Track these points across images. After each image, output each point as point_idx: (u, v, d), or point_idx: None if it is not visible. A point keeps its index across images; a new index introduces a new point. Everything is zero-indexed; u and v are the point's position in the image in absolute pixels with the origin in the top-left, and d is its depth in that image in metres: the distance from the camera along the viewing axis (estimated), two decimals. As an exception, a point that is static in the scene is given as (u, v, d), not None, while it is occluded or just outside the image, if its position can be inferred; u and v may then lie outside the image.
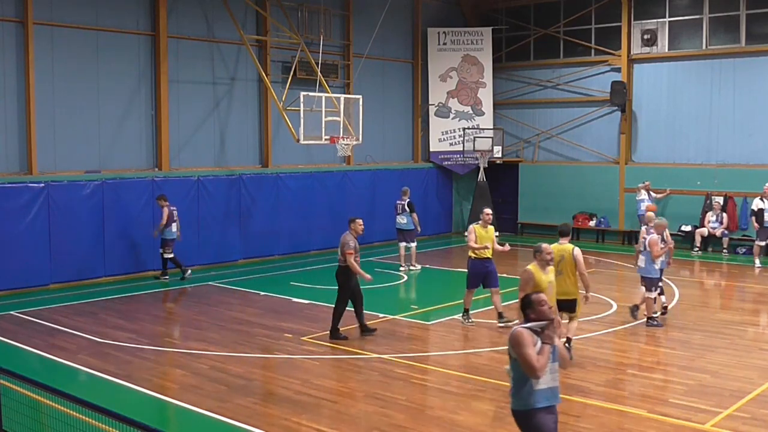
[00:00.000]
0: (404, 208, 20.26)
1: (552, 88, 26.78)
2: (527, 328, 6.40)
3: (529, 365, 6.25)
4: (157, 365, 11.73)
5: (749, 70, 22.78)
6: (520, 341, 6.31)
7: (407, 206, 20.23)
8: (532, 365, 6.24)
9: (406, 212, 20.21)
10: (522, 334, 6.33)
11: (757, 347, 12.73)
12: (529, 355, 6.25)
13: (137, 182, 18.91)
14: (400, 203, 20.38)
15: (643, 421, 9.31)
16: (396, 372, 11.31)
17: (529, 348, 6.27)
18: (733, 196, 22.70)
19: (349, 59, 24.17)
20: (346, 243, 13.08)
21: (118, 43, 19.03)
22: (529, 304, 6.53)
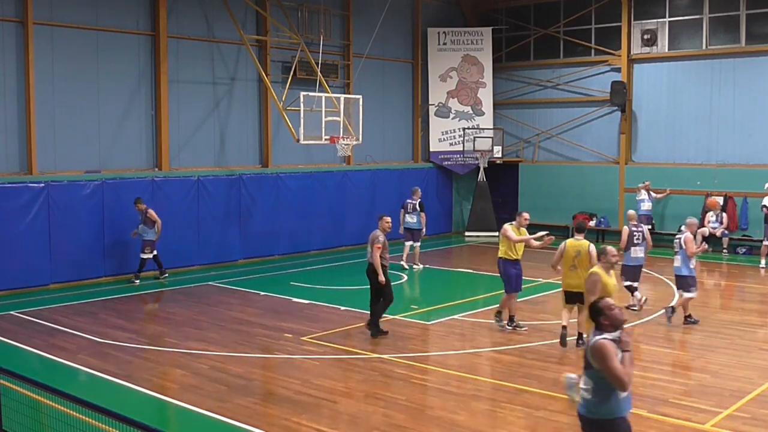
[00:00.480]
0: (415, 207, 20.44)
1: (552, 88, 26.77)
2: (607, 338, 6.32)
3: (618, 379, 6.18)
4: (157, 365, 11.73)
5: (749, 70, 22.78)
6: (606, 354, 6.21)
7: (418, 206, 20.41)
8: (620, 378, 6.17)
9: (416, 212, 20.36)
10: (606, 346, 6.23)
11: (757, 347, 12.73)
12: (617, 369, 6.18)
13: (137, 182, 18.91)
14: (411, 202, 20.56)
15: (643, 421, 9.30)
16: (396, 372, 11.31)
17: (615, 360, 6.19)
18: (733, 196, 22.69)
19: (349, 59, 24.17)
20: (376, 238, 13.29)
21: (118, 43, 19.03)
22: (600, 311, 6.48)
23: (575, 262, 12.41)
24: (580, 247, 12.50)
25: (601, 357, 6.22)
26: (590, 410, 6.45)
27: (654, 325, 14.18)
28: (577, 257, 12.42)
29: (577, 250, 12.47)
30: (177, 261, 19.59)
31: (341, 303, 15.87)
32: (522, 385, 10.61)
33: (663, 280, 18.47)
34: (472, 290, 17.87)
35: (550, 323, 14.16)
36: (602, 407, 6.37)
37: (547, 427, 9.12)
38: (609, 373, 6.20)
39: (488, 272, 19.85)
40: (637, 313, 14.66)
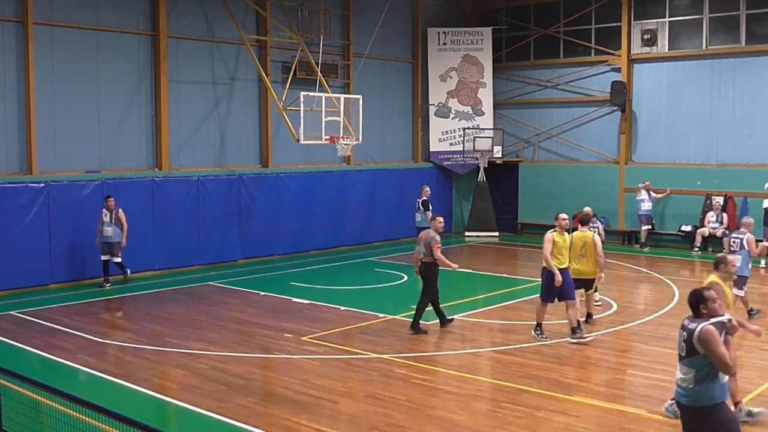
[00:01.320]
0: (419, 206, 20.78)
1: (552, 88, 26.77)
2: (713, 324, 6.57)
3: (724, 363, 6.41)
4: (157, 365, 11.73)
5: (749, 70, 22.77)
6: (715, 339, 6.45)
7: (422, 204, 20.70)
8: (726, 362, 6.41)
9: (421, 210, 20.61)
10: (713, 332, 6.48)
11: (757, 347, 12.71)
12: (723, 353, 6.42)
13: (137, 182, 18.91)
14: (419, 201, 20.88)
15: (643, 421, 9.31)
16: (396, 372, 11.31)
17: (721, 345, 6.45)
18: (733, 196, 22.68)
19: (349, 59, 24.17)
20: (433, 237, 13.65)
21: (118, 43, 19.03)
22: (702, 299, 6.72)
23: (583, 251, 13.55)
24: (585, 238, 13.59)
25: (708, 342, 6.45)
26: (693, 398, 6.63)
27: (651, 325, 14.18)
28: (584, 247, 13.54)
29: (584, 240, 13.57)
30: (177, 261, 19.61)
31: (341, 303, 15.87)
32: (522, 385, 10.61)
33: (663, 281, 18.47)
34: (472, 290, 17.86)
35: (550, 323, 14.15)
36: (704, 394, 6.57)
37: (548, 427, 9.11)
38: (715, 358, 6.43)
39: (488, 272, 19.89)
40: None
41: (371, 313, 14.92)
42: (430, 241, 13.62)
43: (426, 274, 13.75)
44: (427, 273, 13.74)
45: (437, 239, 13.68)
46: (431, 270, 13.73)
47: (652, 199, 23.43)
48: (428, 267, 13.72)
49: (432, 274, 13.74)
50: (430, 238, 13.66)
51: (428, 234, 13.77)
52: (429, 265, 13.71)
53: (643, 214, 23.42)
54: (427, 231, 13.90)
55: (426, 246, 13.67)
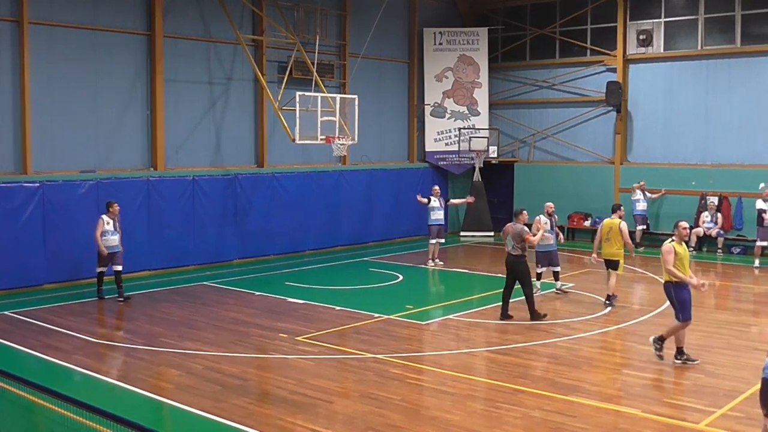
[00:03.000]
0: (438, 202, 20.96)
1: (548, 89, 26.80)
2: None
3: None
4: (152, 365, 11.72)
5: (744, 70, 22.83)
6: None
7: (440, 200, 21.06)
8: None
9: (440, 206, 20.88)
10: None
11: (752, 347, 12.74)
12: None
13: (133, 182, 18.88)
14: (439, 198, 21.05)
15: (638, 420, 9.33)
16: (391, 372, 11.31)
17: None
18: (728, 196, 22.73)
19: (345, 59, 24.17)
20: (523, 229, 14.50)
21: (114, 43, 19.00)
22: None
23: (609, 236, 15.35)
24: (612, 224, 15.35)
25: None
26: None
27: (646, 325, 14.20)
28: (610, 232, 15.33)
29: (610, 227, 15.35)
30: (172, 261, 19.59)
31: (336, 303, 15.86)
32: (518, 385, 10.62)
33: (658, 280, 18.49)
34: (467, 290, 17.86)
35: (545, 323, 14.18)
36: None
37: (543, 426, 9.12)
38: None
39: (483, 272, 19.90)
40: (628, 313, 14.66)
41: (366, 313, 14.92)
42: (522, 232, 14.42)
43: (514, 267, 14.49)
44: (515, 266, 14.48)
45: (526, 229, 14.66)
46: (520, 262, 14.45)
47: (647, 199, 23.47)
48: (517, 260, 14.46)
49: (521, 266, 14.46)
50: (521, 230, 14.46)
51: (515, 227, 14.54)
52: (518, 258, 14.45)
53: (638, 214, 23.46)
54: (514, 224, 14.65)
55: (515, 237, 14.40)
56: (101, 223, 16.24)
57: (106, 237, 16.24)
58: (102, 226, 16.23)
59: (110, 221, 16.35)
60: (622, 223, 15.32)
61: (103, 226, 16.23)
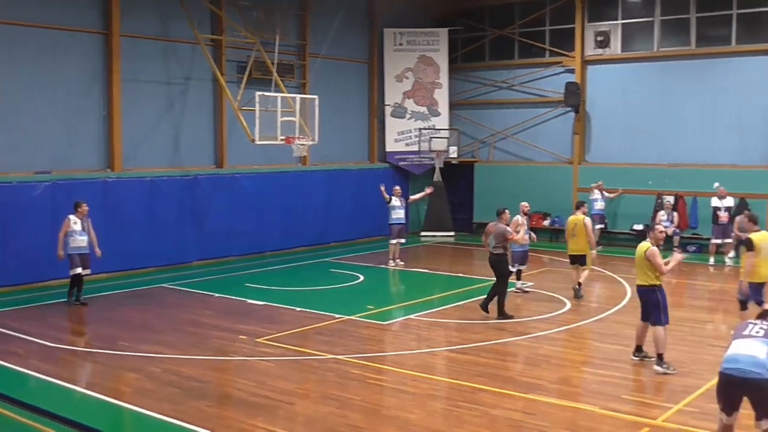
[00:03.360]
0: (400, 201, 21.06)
1: (507, 89, 26.98)
2: None
3: None
4: (110, 369, 11.58)
5: (700, 71, 23.20)
6: None
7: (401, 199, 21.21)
8: None
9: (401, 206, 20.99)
10: None
11: (707, 343, 12.96)
12: None
13: (89, 183, 18.62)
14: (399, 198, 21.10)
15: (596, 417, 9.43)
16: (352, 372, 11.31)
17: None
18: (684, 195, 23.08)
19: (305, 59, 24.10)
20: (506, 229, 14.71)
21: (70, 42, 18.74)
22: None
23: (575, 232, 16.10)
24: (577, 220, 16.11)
25: None
26: None
27: (605, 323, 14.37)
28: (575, 228, 16.06)
29: (575, 223, 16.11)
30: (131, 263, 19.36)
31: (297, 304, 15.80)
32: (478, 384, 10.68)
33: (615, 279, 18.73)
34: (428, 290, 17.91)
35: (505, 322, 14.26)
36: None
37: (503, 424, 9.18)
38: None
39: (444, 272, 19.98)
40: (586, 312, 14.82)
41: (327, 314, 14.90)
42: (505, 233, 14.60)
43: (496, 265, 14.65)
44: (497, 264, 14.65)
45: (509, 229, 14.84)
46: (502, 261, 14.70)
47: (605, 199, 23.73)
48: (499, 258, 14.65)
49: (503, 265, 14.70)
50: (503, 230, 14.63)
51: (498, 226, 14.69)
52: (500, 257, 14.66)
53: (596, 213, 23.69)
54: (496, 224, 14.76)
55: (497, 237, 14.57)
56: (67, 223, 15.70)
57: (73, 237, 15.70)
58: (68, 226, 15.68)
59: (78, 221, 15.78)
60: (586, 219, 16.13)
61: (69, 226, 15.68)
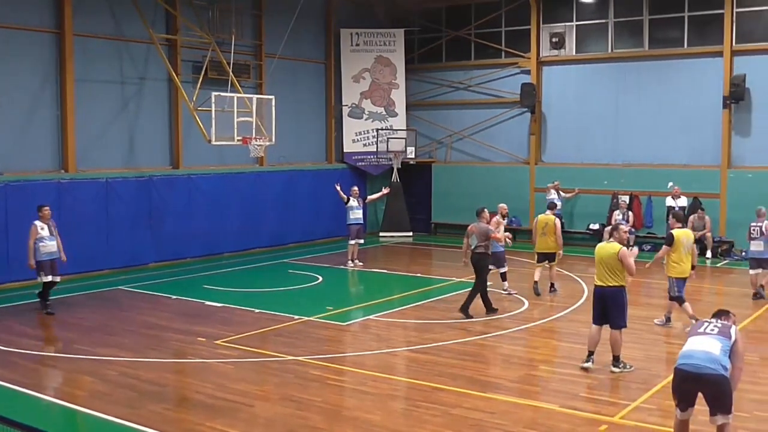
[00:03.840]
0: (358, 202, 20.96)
1: (464, 90, 27.11)
2: None
3: None
4: (64, 372, 11.40)
5: (653, 73, 23.54)
6: None
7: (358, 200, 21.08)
8: None
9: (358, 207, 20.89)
10: None
11: (662, 341, 13.15)
12: None
13: (42, 185, 18.31)
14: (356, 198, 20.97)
15: (555, 415, 9.50)
16: (311, 373, 11.26)
17: None
18: (639, 195, 23.40)
19: (262, 59, 23.96)
20: (488, 228, 14.88)
21: (22, 41, 18.40)
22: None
23: (545, 231, 16.62)
24: (548, 220, 16.69)
25: None
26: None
27: (563, 321, 14.51)
28: (545, 227, 16.62)
29: (546, 222, 16.67)
30: (85, 265, 19.04)
31: (256, 306, 15.70)
32: (437, 384, 10.70)
33: (572, 277, 18.91)
34: (387, 290, 17.92)
35: (463, 321, 14.32)
36: None
37: (463, 423, 9.21)
38: None
39: (403, 272, 20.00)
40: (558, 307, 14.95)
41: (286, 315, 14.82)
42: (487, 231, 14.73)
43: (478, 264, 14.73)
44: (479, 263, 14.73)
45: (492, 228, 15.06)
46: (483, 260, 14.78)
47: (561, 198, 23.94)
48: (481, 257, 14.75)
49: (484, 264, 14.79)
50: (485, 230, 14.76)
51: (479, 226, 14.79)
52: (482, 256, 14.75)
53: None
54: (478, 224, 14.83)
55: (480, 236, 14.68)
56: (35, 230, 14.91)
57: (43, 243, 14.97)
58: (36, 233, 14.89)
59: (44, 226, 15.06)
60: (556, 220, 16.72)
61: (37, 233, 14.91)
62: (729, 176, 22.29)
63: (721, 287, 18.94)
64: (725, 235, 22.18)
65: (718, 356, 7.50)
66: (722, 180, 22.36)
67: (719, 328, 7.82)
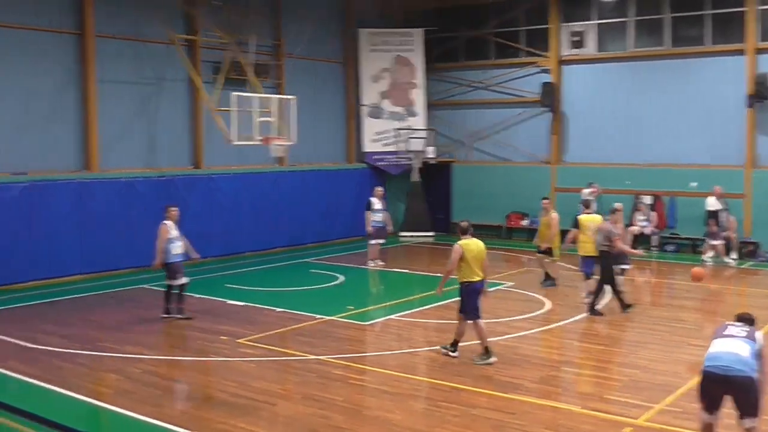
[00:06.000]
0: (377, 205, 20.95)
1: (484, 90, 27.06)
2: None
3: None
4: (90, 370, 11.48)
5: (674, 71, 23.39)
6: None
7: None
8: None
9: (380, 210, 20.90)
10: None
11: (686, 342, 13.05)
12: None
13: (65, 184, 18.47)
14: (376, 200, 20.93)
15: (576, 416, 9.47)
16: (333, 373, 11.29)
17: None
18: (661, 195, 23.25)
19: (281, 59, 24.03)
20: (611, 230, 14.88)
21: (44, 42, 18.57)
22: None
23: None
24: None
25: None
26: None
27: (586, 322, 14.45)
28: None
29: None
30: (109, 264, 19.22)
31: (277, 305, 15.76)
32: (458, 384, 10.70)
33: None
34: (408, 290, 17.91)
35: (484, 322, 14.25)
36: None
37: (484, 424, 9.20)
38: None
39: (423, 272, 19.99)
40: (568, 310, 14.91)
41: (308, 315, 14.86)
42: (611, 233, 14.80)
43: (604, 262, 14.89)
44: (605, 262, 14.89)
45: (615, 232, 14.97)
46: (606, 258, 14.88)
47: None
48: (604, 255, 14.88)
49: (608, 261, 14.88)
50: (610, 230, 14.87)
51: (605, 226, 15.02)
52: (605, 254, 14.86)
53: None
54: (605, 223, 15.13)
55: (605, 236, 14.80)
56: (165, 230, 14.44)
57: (174, 244, 14.56)
58: (167, 233, 14.46)
59: (174, 227, 14.65)
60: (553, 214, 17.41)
61: (168, 233, 14.48)
62: (753, 176, 22.11)
63: (745, 288, 18.81)
64: (750, 236, 22.01)
65: (747, 358, 7.44)
66: (746, 180, 22.17)
67: (746, 332, 7.78)
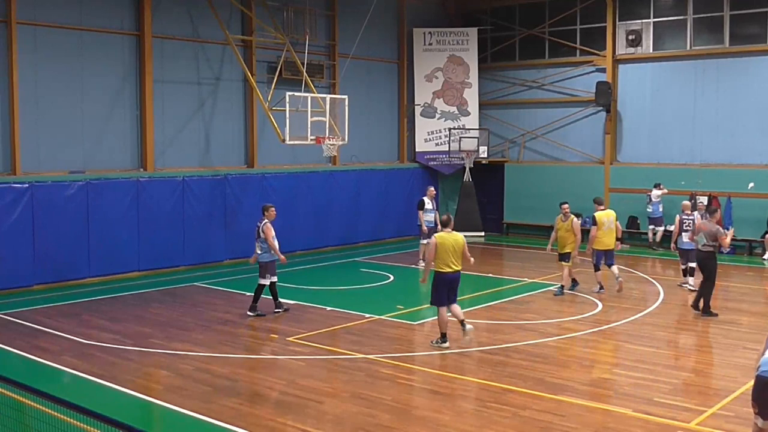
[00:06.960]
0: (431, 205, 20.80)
1: (537, 89, 26.84)
2: None
3: None
4: (141, 366, 11.67)
5: (732, 70, 22.92)
6: None
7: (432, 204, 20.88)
8: None
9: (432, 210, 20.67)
10: None
11: (740, 346, 12.78)
12: None
13: (122, 183, 18.81)
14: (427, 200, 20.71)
15: (627, 420, 9.34)
16: (381, 372, 11.30)
17: None
18: (717, 195, 22.80)
19: (335, 59, 24.14)
20: (718, 230, 14.80)
21: (103, 43, 18.94)
22: None
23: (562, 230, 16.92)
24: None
25: None
26: None
27: (639, 325, 14.23)
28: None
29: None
30: (161, 262, 19.54)
31: (327, 303, 15.84)
32: (508, 385, 10.63)
33: (648, 280, 18.54)
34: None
35: (535, 323, 14.18)
36: None
37: (533, 426, 9.12)
38: None
39: (474, 273, 19.86)
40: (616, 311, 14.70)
41: (357, 314, 14.91)
42: (717, 233, 14.70)
43: (709, 263, 14.83)
44: (706, 262, 14.86)
45: (723, 231, 15.02)
46: (713, 259, 14.85)
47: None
48: (709, 256, 14.80)
49: (714, 262, 14.84)
50: (716, 230, 14.76)
51: (709, 225, 14.89)
52: (710, 255, 14.79)
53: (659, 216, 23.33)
54: (707, 222, 15.06)
55: (708, 236, 14.72)
56: (271, 229, 14.68)
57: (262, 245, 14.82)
58: (273, 230, 14.75)
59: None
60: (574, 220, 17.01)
61: (273, 230, 14.77)
62: (813, 177, 21.58)
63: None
64: (808, 237, 21.49)
65: (801, 363, 7.26)
66: (806, 181, 21.65)
67: (800, 335, 7.60)
